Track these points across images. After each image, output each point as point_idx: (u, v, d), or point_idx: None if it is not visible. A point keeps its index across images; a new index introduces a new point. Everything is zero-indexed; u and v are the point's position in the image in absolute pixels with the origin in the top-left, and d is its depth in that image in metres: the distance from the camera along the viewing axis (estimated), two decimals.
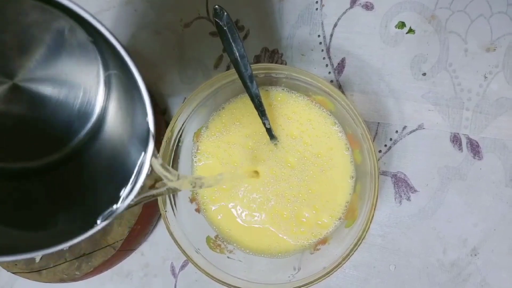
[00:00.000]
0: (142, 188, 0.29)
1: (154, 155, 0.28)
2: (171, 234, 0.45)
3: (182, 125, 0.47)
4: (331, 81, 0.54)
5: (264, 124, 0.46)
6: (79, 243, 0.59)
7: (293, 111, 0.48)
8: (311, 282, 0.41)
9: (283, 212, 0.47)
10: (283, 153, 0.48)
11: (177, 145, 0.47)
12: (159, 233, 0.60)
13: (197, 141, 0.50)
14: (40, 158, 0.33)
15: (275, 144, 0.48)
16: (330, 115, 0.47)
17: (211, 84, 0.45)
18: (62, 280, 0.57)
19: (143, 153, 0.28)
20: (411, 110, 0.51)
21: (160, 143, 0.46)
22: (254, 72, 0.44)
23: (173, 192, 0.35)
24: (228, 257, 0.47)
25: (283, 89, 0.49)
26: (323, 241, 0.47)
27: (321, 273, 0.41)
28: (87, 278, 0.58)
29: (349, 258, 0.40)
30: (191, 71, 0.60)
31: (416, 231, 0.50)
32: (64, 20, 0.30)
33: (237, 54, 0.43)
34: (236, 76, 0.44)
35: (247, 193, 0.48)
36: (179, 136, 0.47)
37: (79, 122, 0.34)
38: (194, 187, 0.37)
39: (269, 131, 0.47)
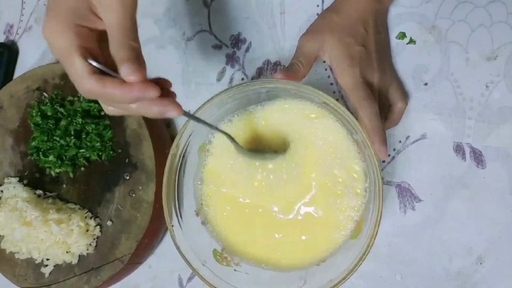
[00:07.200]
0: None
1: None
2: (177, 247, 0.46)
3: (188, 139, 0.48)
4: (334, 92, 0.55)
5: None
6: (87, 257, 0.59)
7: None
8: None
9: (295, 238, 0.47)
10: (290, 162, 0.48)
11: (183, 158, 0.48)
12: (166, 245, 0.61)
13: (205, 156, 0.50)
14: None
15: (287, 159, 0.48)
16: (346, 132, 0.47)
17: (215, 99, 0.46)
18: None
19: None
20: (413, 120, 0.51)
21: (166, 157, 0.46)
22: (254, 87, 0.44)
23: None
24: (234, 270, 0.47)
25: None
26: None
27: (328, 286, 0.41)
28: None
29: (355, 271, 0.40)
30: (195, 85, 0.61)
31: (421, 240, 0.50)
32: None
33: None
34: (240, 91, 0.45)
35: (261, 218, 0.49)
36: (184, 150, 0.48)
37: None
38: None
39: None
